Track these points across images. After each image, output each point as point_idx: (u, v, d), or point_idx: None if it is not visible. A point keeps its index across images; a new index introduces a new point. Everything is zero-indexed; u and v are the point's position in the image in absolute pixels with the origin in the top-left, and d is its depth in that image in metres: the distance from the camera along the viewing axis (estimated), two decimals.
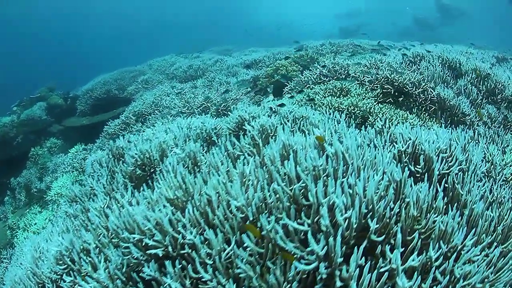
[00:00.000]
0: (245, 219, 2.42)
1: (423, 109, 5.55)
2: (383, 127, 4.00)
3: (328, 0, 62.22)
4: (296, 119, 4.46)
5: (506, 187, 3.89)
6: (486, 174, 3.85)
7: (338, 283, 1.98)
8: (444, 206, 2.66)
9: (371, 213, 2.26)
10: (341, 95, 5.67)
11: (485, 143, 4.83)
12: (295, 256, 2.09)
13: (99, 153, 4.94)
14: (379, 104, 5.35)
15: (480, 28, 41.24)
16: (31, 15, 63.89)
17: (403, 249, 2.20)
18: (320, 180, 2.44)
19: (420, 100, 5.61)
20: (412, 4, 45.41)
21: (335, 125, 3.88)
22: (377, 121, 4.25)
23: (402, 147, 3.31)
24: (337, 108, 5.00)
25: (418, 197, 2.50)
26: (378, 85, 5.78)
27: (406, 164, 3.23)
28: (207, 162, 3.39)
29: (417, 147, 3.29)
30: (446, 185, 3.01)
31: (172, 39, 63.04)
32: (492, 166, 4.05)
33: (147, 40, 72.58)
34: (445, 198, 2.82)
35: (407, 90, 5.60)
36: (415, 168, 3.17)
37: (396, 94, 5.63)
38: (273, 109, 4.89)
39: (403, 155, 3.29)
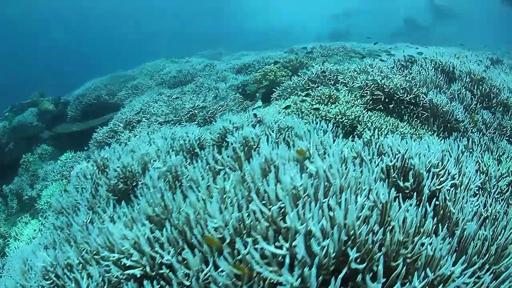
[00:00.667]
0: (223, 240, 2.32)
1: (415, 116, 5.40)
2: (371, 137, 3.83)
3: (323, 1, 62.21)
4: (281, 129, 4.35)
5: (501, 200, 3.76)
6: (481, 186, 3.69)
7: None
8: (434, 226, 2.52)
9: (351, 239, 2.14)
10: (329, 103, 5.52)
11: (480, 152, 4.69)
12: (271, 281, 2.01)
13: (83, 165, 4.79)
14: (369, 111, 5.21)
15: (473, 29, 41.42)
16: (31, 15, 64.02)
17: (385, 279, 2.05)
18: (300, 201, 2.35)
19: (412, 106, 5.46)
20: (404, 5, 45.55)
21: (321, 137, 3.69)
22: (365, 131, 4.08)
23: (391, 162, 3.15)
24: (324, 117, 4.86)
25: (405, 220, 2.35)
26: (368, 91, 5.63)
27: (394, 179, 3.08)
28: (189, 176, 3.33)
29: (407, 161, 3.14)
30: (437, 202, 2.86)
31: (166, 42, 63.31)
32: (487, 177, 3.91)
33: (144, 42, 72.39)
34: (436, 217, 2.70)
35: (398, 96, 5.45)
36: (404, 184, 3.00)
37: (387, 100, 5.49)
38: (258, 118, 4.77)
39: (392, 170, 3.13)
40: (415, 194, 2.94)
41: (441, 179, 3.08)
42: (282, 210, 2.33)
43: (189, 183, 3.09)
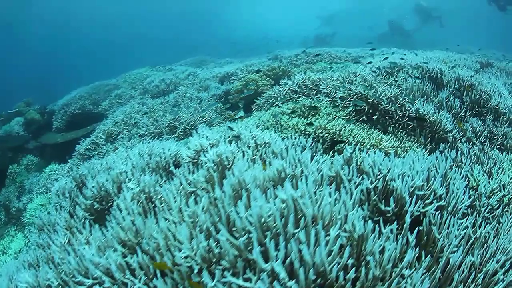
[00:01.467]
0: (191, 270, 2.29)
1: (400, 127, 5.25)
2: (352, 154, 3.65)
3: (308, 6, 62.51)
4: (258, 146, 4.22)
5: (492, 217, 3.61)
6: (470, 204, 3.53)
7: None
8: (417, 254, 2.42)
9: (322, 277, 2.02)
10: (309, 115, 5.37)
11: (470, 164, 4.54)
12: None
13: (62, 182, 4.81)
14: (351, 124, 5.04)
15: (461, 30, 41.68)
16: (17, 21, 63.88)
17: None
18: (269, 233, 2.24)
19: (397, 117, 5.31)
20: (390, 8, 45.75)
21: (298, 154, 3.50)
22: (346, 147, 3.90)
23: (371, 184, 3.00)
24: (303, 132, 4.70)
25: (382, 252, 2.20)
26: (351, 102, 5.46)
27: (375, 202, 2.93)
28: (162, 198, 3.32)
29: (389, 183, 2.98)
30: (420, 228, 2.71)
31: (153, 48, 63.47)
32: (477, 194, 3.74)
33: (131, 49, 72.46)
34: (420, 243, 2.66)
35: (382, 106, 5.28)
36: (385, 208, 2.83)
37: (371, 111, 5.34)
38: (235, 132, 4.63)
39: (372, 192, 2.98)
40: (397, 218, 2.83)
41: (426, 201, 2.93)
42: (249, 242, 2.23)
43: (162, 205, 3.15)
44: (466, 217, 3.18)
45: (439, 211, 2.92)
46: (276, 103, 6.58)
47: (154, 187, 3.59)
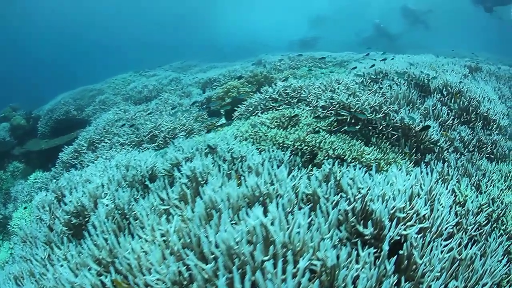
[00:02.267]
0: None
1: (384, 137, 5.14)
2: (331, 170, 3.52)
3: (295, 9, 62.83)
4: (234, 159, 4.19)
5: (480, 236, 3.50)
6: (456, 224, 3.41)
7: None
8: (396, 281, 2.34)
9: None
10: (289, 125, 5.27)
11: (457, 177, 4.43)
12: None
13: (43, 194, 4.81)
14: (332, 134, 4.93)
15: (448, 33, 41.89)
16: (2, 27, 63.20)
17: None
18: (237, 260, 2.21)
19: (381, 127, 5.18)
20: (377, 12, 45.96)
21: (275, 170, 3.41)
22: (325, 161, 3.76)
23: (349, 205, 2.87)
24: (281, 144, 4.57)
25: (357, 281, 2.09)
26: (333, 111, 5.36)
27: (353, 224, 2.81)
28: (136, 215, 3.37)
29: (368, 204, 2.87)
30: (401, 252, 2.62)
31: (140, 52, 63.46)
32: (464, 210, 3.63)
33: (120, 53, 72.55)
34: (399, 269, 2.56)
35: (365, 116, 5.16)
36: (363, 230, 2.71)
37: (353, 121, 5.21)
38: (212, 144, 4.55)
39: (351, 213, 2.84)
40: (377, 240, 2.72)
41: (408, 223, 2.80)
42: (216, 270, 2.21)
43: (136, 222, 3.17)
44: (452, 237, 3.11)
45: (422, 233, 2.81)
46: (256, 111, 6.50)
47: (128, 203, 3.64)
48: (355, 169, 3.34)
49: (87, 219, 3.84)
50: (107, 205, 3.67)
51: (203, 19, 76.09)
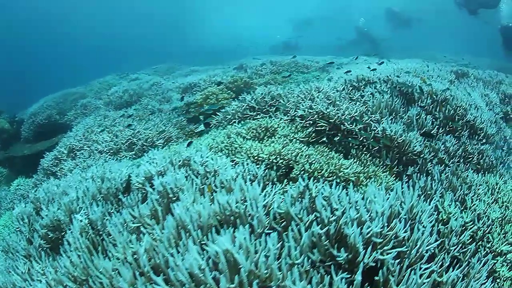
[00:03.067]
0: None
1: (365, 148, 5.00)
2: (305, 188, 3.38)
3: (278, 12, 63.16)
4: (208, 174, 4.08)
5: (463, 255, 3.38)
6: (439, 244, 3.28)
7: None
8: None
9: None
10: (265, 137, 5.13)
11: (441, 192, 4.31)
12: None
13: (22, 206, 4.86)
14: (310, 146, 4.80)
15: (433, 36, 42.14)
16: None
17: None
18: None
19: (361, 138, 5.04)
20: (362, 16, 46.18)
21: (248, 187, 3.32)
22: (300, 177, 3.61)
23: (323, 228, 2.76)
24: (256, 158, 4.43)
25: None
26: (311, 121, 5.21)
27: (326, 247, 2.69)
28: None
29: (342, 227, 2.75)
30: (376, 278, 2.51)
31: (125, 53, 63.35)
32: (447, 229, 3.50)
33: (105, 54, 72.29)
34: None
35: (345, 127, 5.03)
36: (337, 254, 2.59)
37: (333, 132, 5.07)
38: (185, 157, 4.47)
39: (324, 237, 2.73)
40: (351, 265, 2.63)
41: (385, 247, 2.67)
42: None
43: (109, 238, 3.25)
44: (434, 258, 3.07)
45: (400, 258, 2.72)
46: (234, 120, 6.39)
47: (102, 219, 3.70)
48: (331, 186, 3.26)
49: (63, 233, 3.89)
50: (81, 221, 3.69)
51: (187, 21, 76.34)
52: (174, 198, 3.60)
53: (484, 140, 6.04)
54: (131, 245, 2.87)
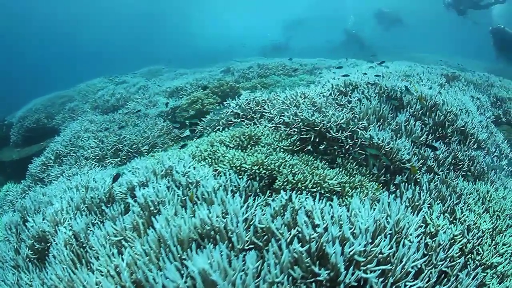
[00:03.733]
0: None
1: (351, 157, 4.92)
2: (288, 202, 3.30)
3: (270, 15, 63.46)
4: (190, 184, 4.07)
5: (451, 270, 3.31)
6: (425, 261, 3.20)
7: None
8: None
9: None
10: (249, 145, 5.07)
11: (429, 202, 4.24)
12: None
13: (9, 215, 5.00)
14: (295, 154, 4.73)
15: (423, 37, 42.41)
16: None
17: None
18: None
19: (348, 146, 4.97)
20: (353, 18, 46.35)
21: (229, 200, 3.32)
22: (282, 190, 3.53)
23: (303, 246, 2.68)
24: (239, 168, 4.35)
25: None
26: (296, 129, 5.13)
27: (308, 265, 2.63)
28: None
29: (324, 245, 2.69)
30: None
31: (115, 55, 63.76)
32: (435, 243, 3.43)
33: (95, 56, 72.65)
34: None
35: (331, 135, 4.95)
36: (319, 272, 2.55)
37: (318, 140, 4.99)
38: (167, 166, 4.46)
39: (305, 254, 2.66)
40: (333, 283, 2.57)
41: (369, 265, 2.59)
42: None
43: (93, 250, 3.30)
44: (421, 273, 3.01)
45: (384, 276, 2.67)
46: (218, 127, 6.30)
47: (86, 231, 3.74)
48: (314, 199, 3.23)
49: (49, 244, 3.92)
50: (65, 233, 3.73)
51: (178, 22, 76.60)
52: (156, 211, 3.59)
53: (475, 146, 5.99)
54: (114, 258, 2.93)
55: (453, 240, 3.69)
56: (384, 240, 2.79)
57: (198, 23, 74.45)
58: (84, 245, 3.64)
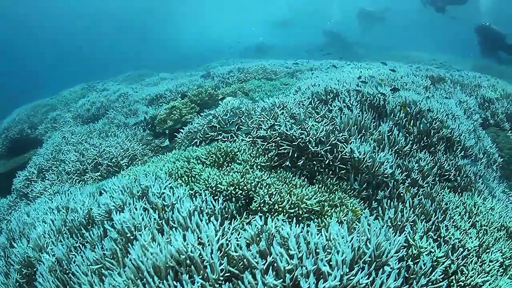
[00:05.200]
0: None
1: (331, 172, 4.87)
2: (263, 227, 3.27)
3: (253, 16, 63.78)
4: (166, 207, 4.05)
5: None
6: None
7: None
8: None
9: None
10: (225, 162, 5.03)
11: (413, 220, 4.20)
12: None
13: None
14: (272, 171, 4.70)
15: (406, 35, 42.78)
16: None
17: None
18: None
19: (328, 160, 4.92)
20: (336, 18, 46.58)
21: (204, 226, 3.34)
22: (257, 217, 3.48)
23: (278, 279, 2.70)
24: (214, 188, 4.31)
25: None
26: (274, 144, 5.08)
27: None
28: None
29: (298, 279, 2.67)
30: None
31: (96, 60, 63.68)
32: (417, 267, 3.39)
33: (81, 61, 72.59)
34: None
35: (310, 149, 4.90)
36: None
37: (296, 155, 4.95)
38: (144, 186, 4.46)
39: (280, 286, 2.69)
40: None
41: None
42: None
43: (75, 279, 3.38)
44: None
45: None
46: (195, 140, 6.29)
47: (67, 256, 3.83)
48: (291, 223, 3.28)
49: (35, 269, 4.03)
50: (48, 259, 3.82)
51: (158, 25, 76.53)
52: (132, 238, 3.59)
53: (462, 154, 5.94)
54: (95, 286, 3.07)
55: (436, 263, 3.67)
56: (363, 269, 2.76)
57: (182, 24, 74.72)
58: (67, 271, 3.70)
